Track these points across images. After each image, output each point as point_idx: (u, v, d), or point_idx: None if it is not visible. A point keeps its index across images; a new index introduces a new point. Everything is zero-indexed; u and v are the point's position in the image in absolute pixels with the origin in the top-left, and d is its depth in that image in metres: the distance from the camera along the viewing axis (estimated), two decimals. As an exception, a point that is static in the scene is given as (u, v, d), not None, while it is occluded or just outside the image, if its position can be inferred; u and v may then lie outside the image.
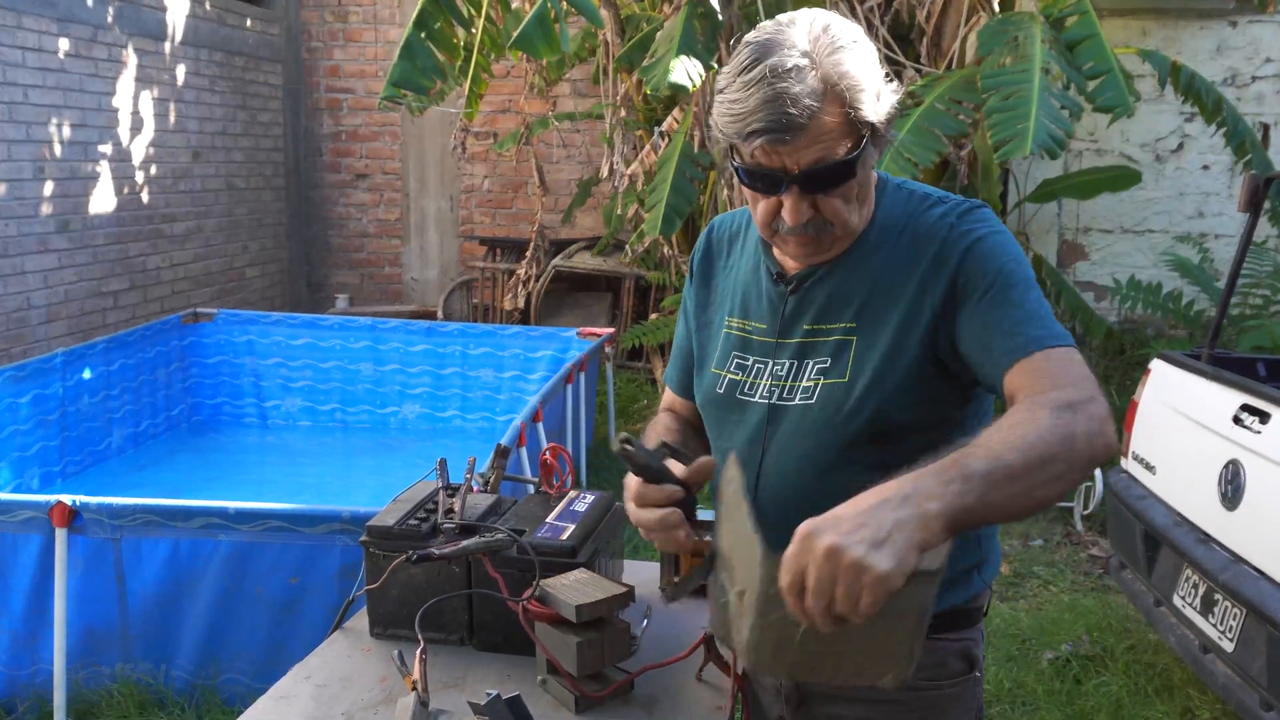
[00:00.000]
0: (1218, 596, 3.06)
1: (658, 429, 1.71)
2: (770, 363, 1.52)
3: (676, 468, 1.43)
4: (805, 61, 1.34)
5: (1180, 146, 7.17)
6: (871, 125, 1.38)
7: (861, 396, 1.43)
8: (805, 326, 1.50)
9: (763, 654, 1.19)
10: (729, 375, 1.57)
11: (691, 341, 1.71)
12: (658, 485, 1.40)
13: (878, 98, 1.39)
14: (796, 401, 1.48)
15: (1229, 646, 2.97)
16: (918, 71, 6.02)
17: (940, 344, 1.42)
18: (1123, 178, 6.37)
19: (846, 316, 1.48)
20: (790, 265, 1.53)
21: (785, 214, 1.41)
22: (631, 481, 1.43)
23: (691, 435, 1.74)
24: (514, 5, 6.05)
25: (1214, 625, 3.06)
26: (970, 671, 1.55)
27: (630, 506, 1.43)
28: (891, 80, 1.45)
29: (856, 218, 1.46)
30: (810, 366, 1.48)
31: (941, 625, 1.49)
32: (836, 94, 1.34)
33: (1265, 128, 6.85)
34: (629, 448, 1.36)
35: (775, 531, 1.51)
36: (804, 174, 1.36)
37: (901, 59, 6.05)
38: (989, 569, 1.59)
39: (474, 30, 5.73)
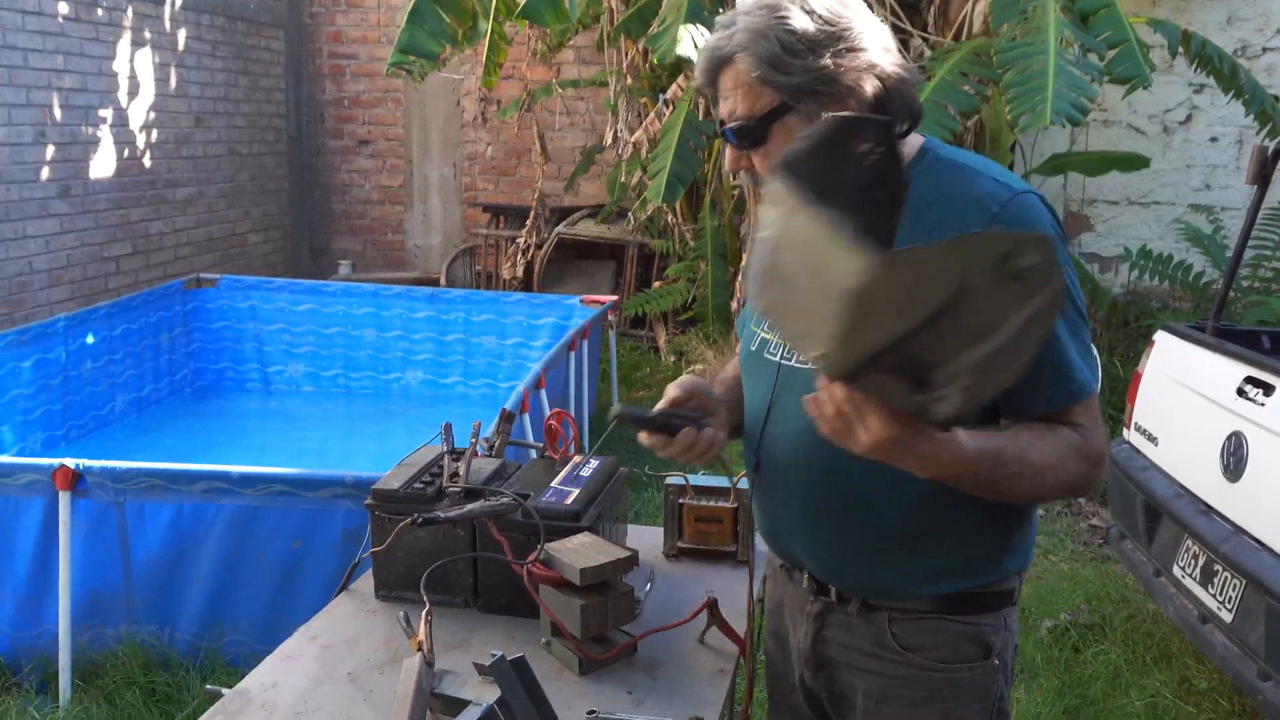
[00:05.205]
0: (1217, 567, 3.07)
1: (724, 371, 1.81)
2: None
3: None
4: (733, 20, 1.41)
5: (1189, 118, 7.12)
6: (789, 91, 1.37)
7: None
8: None
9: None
10: (761, 334, 1.60)
11: None
12: (665, 433, 1.51)
13: (793, 63, 1.36)
14: (808, 366, 1.47)
15: (1228, 617, 2.98)
16: (925, 41, 5.97)
17: None
18: (1132, 159, 6.32)
19: None
20: None
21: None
22: (646, 440, 1.53)
23: None
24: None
25: (1213, 596, 3.08)
26: (985, 659, 1.50)
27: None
28: (860, 49, 1.38)
29: None
30: None
31: (953, 607, 1.49)
32: (742, 53, 1.39)
33: (1276, 100, 6.80)
34: (620, 415, 1.50)
35: (773, 488, 1.54)
36: (726, 127, 1.45)
37: (909, 28, 5.99)
38: (1014, 558, 1.52)
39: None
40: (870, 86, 1.39)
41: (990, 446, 1.30)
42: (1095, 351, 1.45)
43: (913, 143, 1.48)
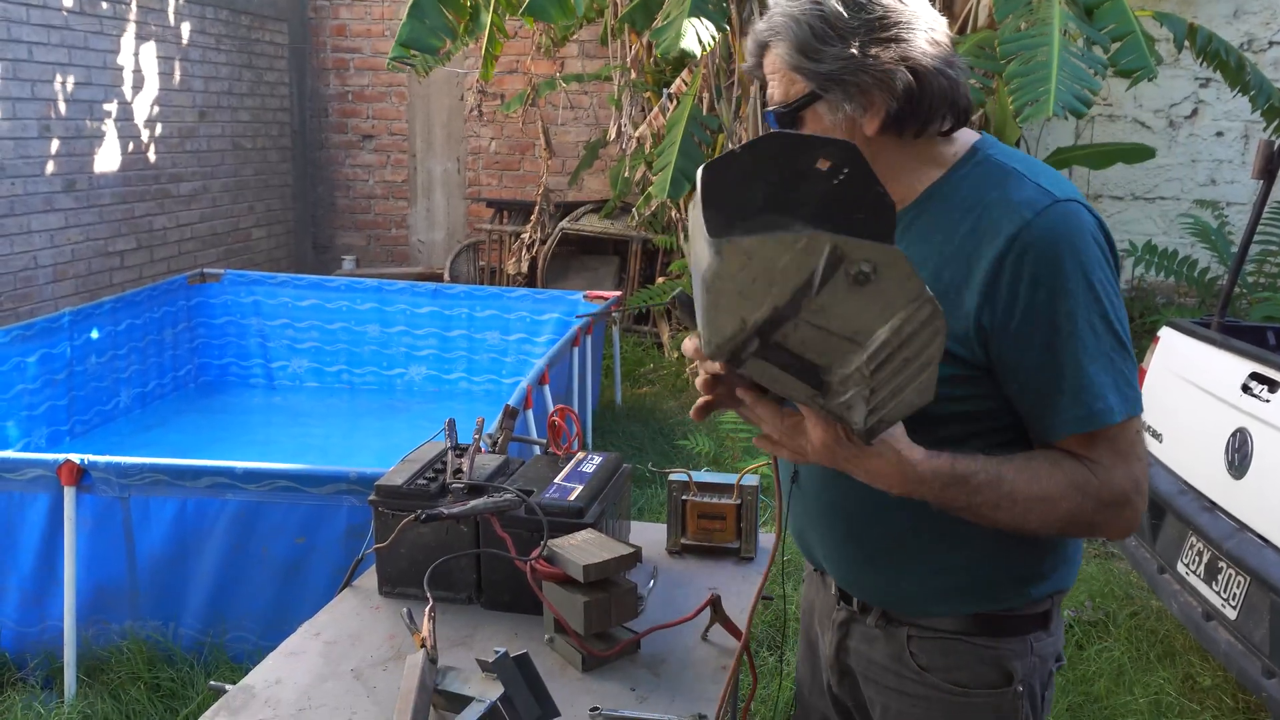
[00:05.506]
0: (1221, 564, 3.06)
1: None
2: None
3: None
4: (776, 3, 1.40)
5: (1194, 112, 7.10)
6: (817, 78, 1.34)
7: None
8: None
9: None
10: None
11: None
12: None
13: (824, 50, 1.32)
14: None
15: (1232, 614, 2.97)
16: (929, 34, 5.95)
17: (980, 341, 1.32)
18: (1137, 151, 6.30)
19: None
20: None
21: None
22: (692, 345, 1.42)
23: None
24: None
25: (1217, 593, 3.07)
26: (1006, 685, 1.44)
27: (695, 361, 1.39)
28: (888, 42, 1.33)
29: None
30: None
31: (973, 628, 1.45)
32: (777, 38, 1.37)
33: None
34: (681, 300, 1.38)
35: (803, 491, 1.53)
36: (768, 111, 1.43)
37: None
38: (1046, 583, 1.45)
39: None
40: (901, 80, 1.32)
41: (956, 470, 1.26)
42: (1135, 385, 1.33)
43: (963, 141, 1.41)
